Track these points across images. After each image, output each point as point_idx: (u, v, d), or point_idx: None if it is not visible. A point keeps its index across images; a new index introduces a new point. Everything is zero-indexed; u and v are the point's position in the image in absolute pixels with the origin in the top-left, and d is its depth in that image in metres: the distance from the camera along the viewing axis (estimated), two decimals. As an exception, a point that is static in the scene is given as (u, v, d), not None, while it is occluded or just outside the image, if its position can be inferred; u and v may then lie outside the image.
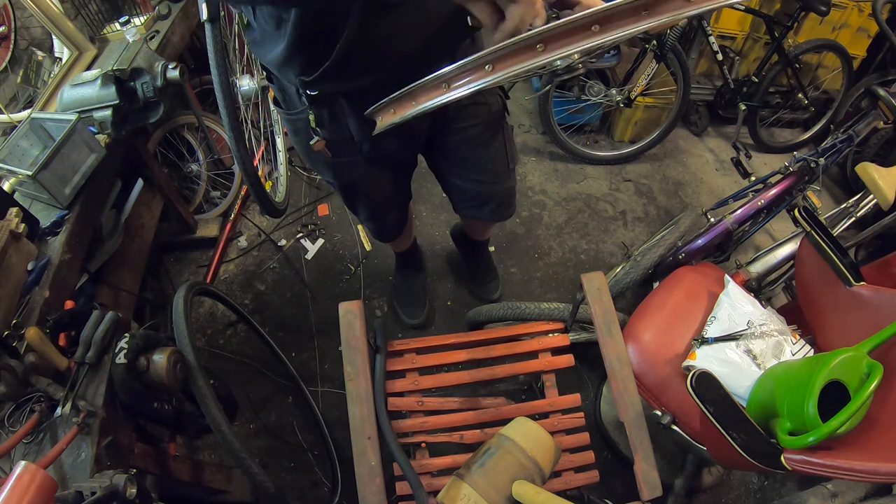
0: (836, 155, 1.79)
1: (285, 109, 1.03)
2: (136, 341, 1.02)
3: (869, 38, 2.51)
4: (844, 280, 1.16)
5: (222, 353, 1.88)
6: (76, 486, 0.82)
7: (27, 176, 1.26)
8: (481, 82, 0.51)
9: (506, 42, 0.49)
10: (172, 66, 1.45)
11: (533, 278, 2.11)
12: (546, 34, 0.48)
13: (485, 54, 0.50)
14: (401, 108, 0.59)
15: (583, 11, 0.48)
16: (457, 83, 0.52)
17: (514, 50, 0.49)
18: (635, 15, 0.47)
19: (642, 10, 0.47)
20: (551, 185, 2.46)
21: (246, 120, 1.93)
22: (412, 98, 0.56)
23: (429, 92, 0.55)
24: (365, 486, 0.97)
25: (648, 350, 1.29)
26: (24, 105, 1.76)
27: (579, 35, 0.48)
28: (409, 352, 1.20)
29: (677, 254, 1.73)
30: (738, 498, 1.64)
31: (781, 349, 1.25)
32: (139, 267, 1.78)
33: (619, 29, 0.47)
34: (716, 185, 2.55)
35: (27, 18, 1.77)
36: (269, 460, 1.66)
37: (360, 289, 2.05)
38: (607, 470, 1.32)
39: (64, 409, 0.95)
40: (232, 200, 2.24)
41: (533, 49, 0.49)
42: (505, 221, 1.90)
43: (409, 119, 0.58)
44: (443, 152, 1.23)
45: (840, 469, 0.80)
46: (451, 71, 0.52)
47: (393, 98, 0.59)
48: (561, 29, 0.48)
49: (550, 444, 0.90)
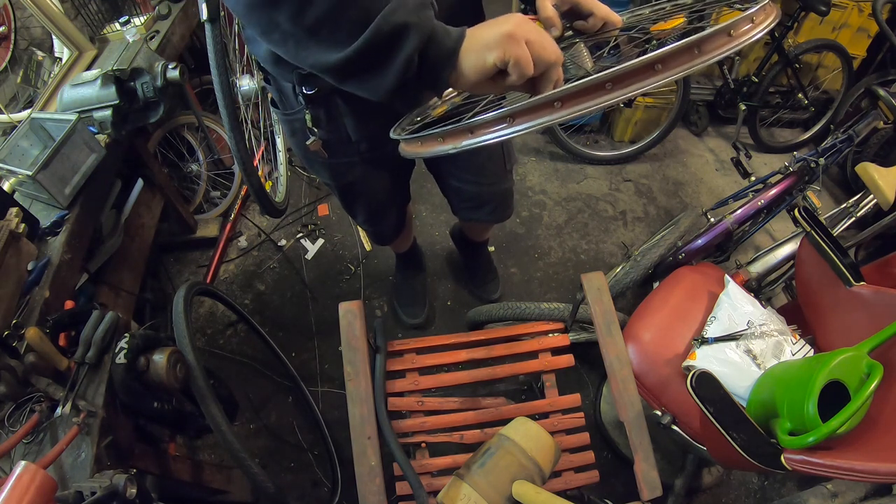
0: (836, 155, 1.79)
1: (282, 110, 1.02)
2: (136, 341, 1.02)
3: (869, 38, 2.51)
4: (844, 280, 1.16)
5: (222, 353, 1.88)
6: (76, 486, 0.82)
7: (27, 176, 1.26)
8: (503, 133, 0.57)
9: (528, 101, 0.54)
10: (172, 66, 1.45)
11: (533, 278, 2.11)
12: (563, 94, 0.53)
13: (506, 110, 0.55)
14: (427, 145, 0.64)
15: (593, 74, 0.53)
16: (481, 131, 0.58)
17: (534, 107, 0.54)
18: (648, 73, 0.51)
19: (656, 65, 0.51)
20: (551, 185, 2.46)
21: (246, 120, 1.93)
22: (440, 137, 0.62)
23: (455, 136, 0.60)
24: (365, 486, 0.97)
25: (648, 350, 1.29)
26: (24, 105, 1.76)
27: (594, 93, 0.52)
28: (409, 352, 1.20)
29: (677, 254, 1.73)
30: (738, 498, 1.64)
31: (781, 349, 1.25)
32: (139, 267, 1.78)
33: (633, 86, 0.51)
34: (716, 185, 2.55)
35: (27, 18, 1.77)
36: (269, 460, 1.67)
37: (360, 289, 2.05)
38: (607, 470, 1.33)
39: (64, 409, 0.95)
40: (232, 200, 2.24)
41: (551, 106, 0.54)
42: (504, 222, 1.90)
43: (434, 155, 0.63)
44: None
45: (840, 469, 0.80)
46: (478, 121, 0.57)
47: (423, 136, 0.64)
48: (577, 88, 0.52)
49: (550, 444, 0.90)
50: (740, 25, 0.53)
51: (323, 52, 0.60)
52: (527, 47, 0.60)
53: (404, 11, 0.57)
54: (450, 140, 0.61)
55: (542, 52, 0.60)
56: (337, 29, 0.58)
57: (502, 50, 0.59)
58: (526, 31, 0.60)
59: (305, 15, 0.58)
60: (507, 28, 0.60)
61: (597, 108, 0.53)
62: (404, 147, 0.70)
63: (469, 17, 0.96)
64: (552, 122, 0.54)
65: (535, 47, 0.60)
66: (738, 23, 0.53)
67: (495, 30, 0.60)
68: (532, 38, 0.60)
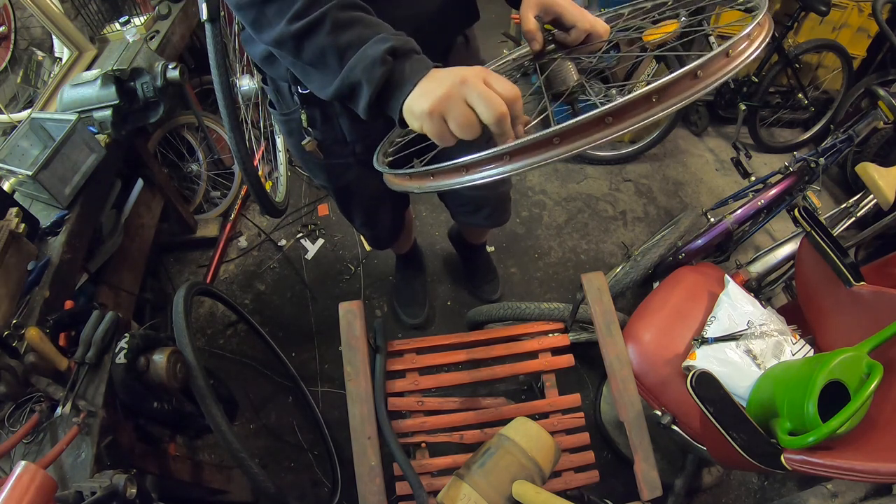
0: (836, 155, 1.79)
1: (279, 110, 1.02)
2: (136, 341, 1.02)
3: (869, 38, 2.50)
4: (844, 280, 1.16)
5: (222, 353, 1.88)
6: (76, 486, 0.82)
7: (27, 176, 1.26)
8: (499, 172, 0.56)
9: (526, 139, 0.53)
10: (172, 66, 1.45)
11: (533, 278, 2.11)
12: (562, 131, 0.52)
13: (504, 148, 0.54)
14: (418, 180, 0.64)
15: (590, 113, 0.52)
16: (475, 169, 0.58)
17: (532, 144, 0.53)
18: (647, 105, 0.51)
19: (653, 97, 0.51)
20: (551, 185, 2.46)
21: (246, 120, 1.93)
22: (430, 175, 0.62)
23: (448, 174, 0.60)
24: (365, 486, 0.97)
25: (648, 350, 1.29)
26: (24, 105, 1.76)
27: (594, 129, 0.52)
28: (409, 352, 1.20)
29: (677, 254, 1.73)
30: (738, 498, 1.64)
31: (781, 349, 1.25)
32: (139, 267, 1.78)
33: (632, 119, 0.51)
34: (716, 185, 2.55)
35: (27, 18, 1.77)
36: (269, 460, 1.66)
37: (360, 289, 2.05)
38: (607, 470, 1.32)
39: (64, 409, 0.95)
40: (232, 200, 2.24)
41: (550, 143, 0.53)
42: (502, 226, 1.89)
43: (426, 192, 0.64)
44: (435, 154, 1.22)
45: (840, 469, 0.80)
46: (472, 159, 0.57)
47: (414, 172, 0.64)
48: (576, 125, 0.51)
49: (550, 444, 0.90)
50: (738, 44, 0.53)
51: (321, 87, 0.70)
52: (459, 110, 0.60)
53: (360, 69, 0.64)
54: (441, 177, 0.61)
55: (463, 131, 0.61)
56: (323, 72, 0.68)
57: (420, 127, 0.64)
58: (449, 106, 0.60)
59: (300, 59, 0.68)
60: (430, 101, 0.61)
61: (601, 141, 0.52)
62: (392, 180, 0.70)
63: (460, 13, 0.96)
64: (557, 157, 0.53)
65: (453, 126, 0.61)
66: (736, 42, 0.52)
67: (427, 98, 0.61)
68: (456, 114, 0.60)
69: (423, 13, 0.86)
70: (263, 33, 0.69)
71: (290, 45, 0.67)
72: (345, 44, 0.65)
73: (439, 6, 0.88)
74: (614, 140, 0.52)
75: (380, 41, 0.64)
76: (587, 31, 0.74)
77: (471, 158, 0.56)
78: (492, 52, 1.05)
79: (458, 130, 0.62)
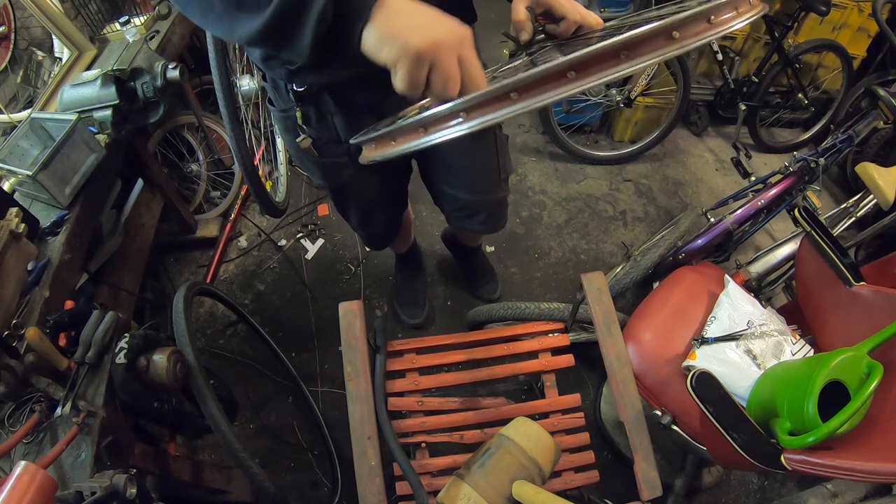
0: (836, 155, 1.79)
1: (277, 107, 1.03)
2: (136, 341, 1.02)
3: (869, 38, 2.51)
4: (844, 280, 1.16)
5: (222, 353, 1.88)
6: (76, 486, 0.82)
7: (27, 176, 1.26)
8: (457, 129, 0.51)
9: (481, 91, 0.49)
10: (172, 66, 1.45)
11: (533, 278, 2.11)
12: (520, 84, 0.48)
13: (459, 102, 0.50)
14: (381, 146, 0.60)
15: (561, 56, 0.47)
16: (434, 128, 0.53)
17: (488, 99, 0.49)
18: (613, 59, 0.47)
19: (622, 52, 0.47)
20: (551, 185, 2.46)
21: (246, 120, 1.93)
22: (391, 138, 0.58)
23: (407, 135, 0.55)
24: (365, 486, 0.97)
25: (648, 350, 1.29)
26: (24, 105, 1.76)
27: (554, 83, 0.48)
28: (409, 352, 1.20)
29: (677, 254, 1.73)
30: (738, 498, 1.64)
31: (781, 349, 1.25)
32: (139, 267, 1.78)
33: (597, 74, 0.47)
34: (716, 185, 2.55)
35: (27, 18, 1.77)
36: (269, 460, 1.66)
37: (360, 289, 2.05)
38: (607, 470, 1.32)
39: (64, 409, 0.95)
40: (232, 200, 2.24)
41: (507, 98, 0.49)
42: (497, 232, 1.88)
43: (391, 157, 0.59)
44: (432, 156, 1.22)
45: (840, 469, 0.80)
46: (428, 116, 0.52)
47: (375, 136, 0.60)
48: (534, 78, 0.47)
49: (550, 444, 0.90)
50: (722, 12, 0.48)
51: (249, 21, 0.58)
52: (430, 72, 0.54)
53: None
54: (401, 139, 0.56)
55: (445, 86, 0.55)
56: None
57: (396, 60, 0.54)
58: (442, 56, 0.54)
59: None
60: (424, 40, 0.53)
61: (562, 96, 0.48)
62: (373, 152, 0.65)
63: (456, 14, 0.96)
64: (515, 112, 0.49)
65: (438, 78, 0.55)
66: (721, 9, 0.48)
67: (419, 34, 0.54)
68: (444, 65, 0.54)
69: None
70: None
71: None
72: None
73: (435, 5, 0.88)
74: (575, 95, 0.49)
75: None
76: (577, 23, 0.73)
77: (427, 115, 0.52)
78: (492, 53, 1.05)
79: (440, 85, 0.55)
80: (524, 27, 0.73)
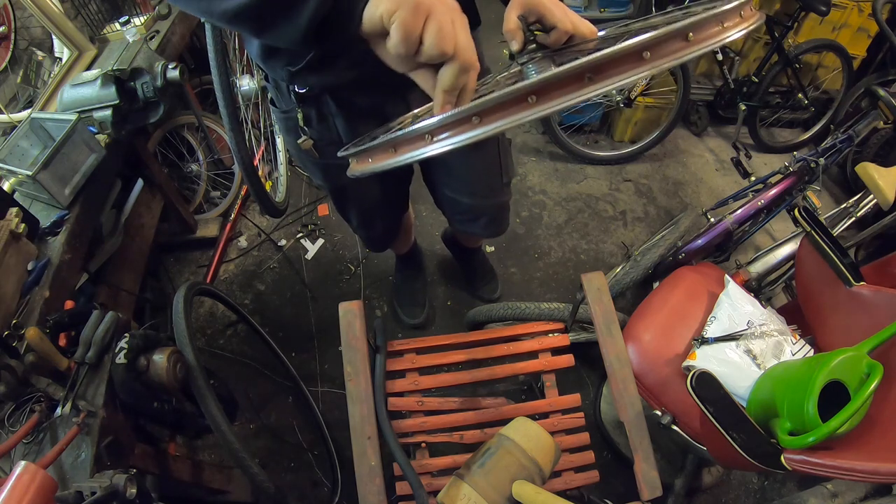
0: (836, 155, 1.79)
1: (279, 108, 1.03)
2: (136, 341, 1.02)
3: (869, 38, 2.51)
4: (844, 280, 1.16)
5: (222, 353, 1.88)
6: (76, 486, 0.82)
7: (27, 176, 1.26)
8: (467, 136, 0.48)
9: (496, 95, 0.46)
10: (172, 66, 1.45)
11: (533, 278, 2.11)
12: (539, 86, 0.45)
13: (470, 107, 0.47)
14: (378, 157, 0.56)
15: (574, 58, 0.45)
16: (440, 135, 0.49)
17: (503, 103, 0.46)
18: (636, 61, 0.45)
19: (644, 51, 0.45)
20: (551, 185, 2.46)
21: (246, 120, 1.93)
22: (393, 147, 0.54)
23: (411, 143, 0.52)
24: (365, 486, 0.97)
25: (648, 350, 1.29)
26: (24, 105, 1.76)
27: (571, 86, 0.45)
28: (409, 352, 1.20)
29: (677, 254, 1.73)
30: (738, 498, 1.64)
31: (781, 349, 1.25)
32: (139, 267, 1.78)
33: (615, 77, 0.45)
34: (716, 185, 2.55)
35: (27, 18, 1.77)
36: (269, 460, 1.66)
37: (360, 289, 2.05)
38: (607, 470, 1.32)
39: (64, 409, 0.95)
40: (232, 200, 2.24)
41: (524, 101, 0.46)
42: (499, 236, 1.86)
43: (386, 169, 0.56)
44: (433, 159, 1.21)
45: (840, 469, 0.80)
46: (434, 123, 0.49)
47: (371, 146, 0.56)
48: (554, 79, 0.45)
49: (550, 444, 0.90)
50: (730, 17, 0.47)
51: (293, 13, 0.55)
52: (426, 22, 0.52)
53: None
54: (403, 149, 0.52)
55: (440, 37, 0.52)
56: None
57: (393, 10, 0.51)
58: (439, 10, 0.52)
59: None
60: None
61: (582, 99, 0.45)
62: (354, 167, 0.62)
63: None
64: (527, 118, 0.46)
65: (432, 28, 0.51)
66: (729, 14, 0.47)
67: None
68: (440, 18, 0.51)
69: None
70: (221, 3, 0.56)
71: None
72: None
73: None
74: (597, 97, 0.47)
75: None
76: (569, 33, 0.71)
77: (435, 121, 0.48)
78: (492, 53, 1.05)
79: (435, 37, 0.52)
80: (515, 36, 0.72)
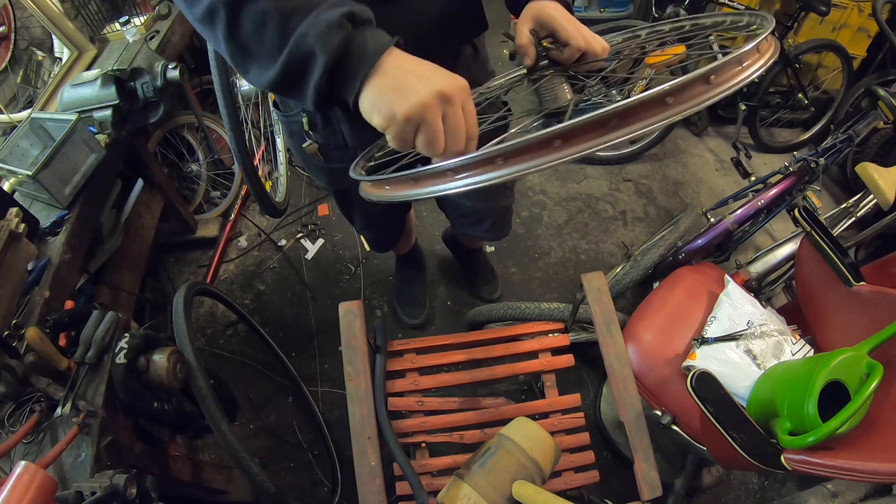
0: (836, 155, 1.79)
1: (283, 111, 1.03)
2: (136, 341, 1.02)
3: (869, 38, 2.50)
4: (844, 280, 1.16)
5: (222, 353, 1.88)
6: (76, 486, 0.82)
7: (27, 176, 1.26)
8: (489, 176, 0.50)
9: (523, 140, 0.48)
10: (172, 66, 1.45)
11: (533, 278, 2.11)
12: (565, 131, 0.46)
13: (496, 150, 0.49)
14: (396, 187, 0.58)
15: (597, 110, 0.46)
16: (462, 174, 0.51)
17: (529, 146, 0.48)
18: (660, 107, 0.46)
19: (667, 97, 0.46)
20: (551, 185, 2.46)
21: (246, 120, 1.93)
22: (413, 179, 0.56)
23: (433, 179, 0.54)
24: (365, 486, 0.97)
25: (648, 350, 1.29)
26: (24, 105, 1.76)
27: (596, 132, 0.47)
28: (409, 352, 1.20)
29: (677, 254, 1.73)
30: (738, 498, 1.64)
31: (781, 349, 1.25)
32: (139, 267, 1.78)
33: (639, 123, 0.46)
34: (716, 185, 2.55)
35: (27, 18, 1.77)
36: (269, 460, 1.66)
37: (360, 289, 2.05)
38: (607, 470, 1.32)
39: (64, 409, 0.95)
40: (232, 200, 2.24)
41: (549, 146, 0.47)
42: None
43: (403, 200, 0.58)
44: None
45: (840, 469, 0.80)
46: (457, 162, 0.51)
47: (391, 178, 0.58)
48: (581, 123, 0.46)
49: (550, 444, 0.90)
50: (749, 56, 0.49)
51: (260, 72, 0.59)
52: (416, 133, 0.55)
53: (313, 35, 0.55)
54: (424, 183, 0.54)
55: (429, 146, 0.56)
56: (262, 48, 0.57)
57: (385, 126, 0.56)
58: (429, 117, 0.54)
59: (235, 36, 0.58)
60: (409, 105, 0.54)
61: (607, 144, 0.47)
62: (367, 189, 0.63)
63: (466, 21, 0.95)
64: (552, 164, 0.48)
65: (422, 140, 0.56)
66: (747, 53, 0.49)
67: (404, 99, 0.54)
68: (429, 129, 0.55)
69: (427, 21, 0.84)
70: (194, 6, 0.59)
71: (223, 15, 0.56)
72: (289, 9, 0.55)
73: (440, 11, 0.87)
74: (621, 143, 0.48)
75: (334, 5, 0.56)
76: (581, 50, 0.71)
77: (459, 161, 0.50)
78: (492, 53, 1.05)
79: (425, 146, 0.56)
80: (527, 52, 0.72)
